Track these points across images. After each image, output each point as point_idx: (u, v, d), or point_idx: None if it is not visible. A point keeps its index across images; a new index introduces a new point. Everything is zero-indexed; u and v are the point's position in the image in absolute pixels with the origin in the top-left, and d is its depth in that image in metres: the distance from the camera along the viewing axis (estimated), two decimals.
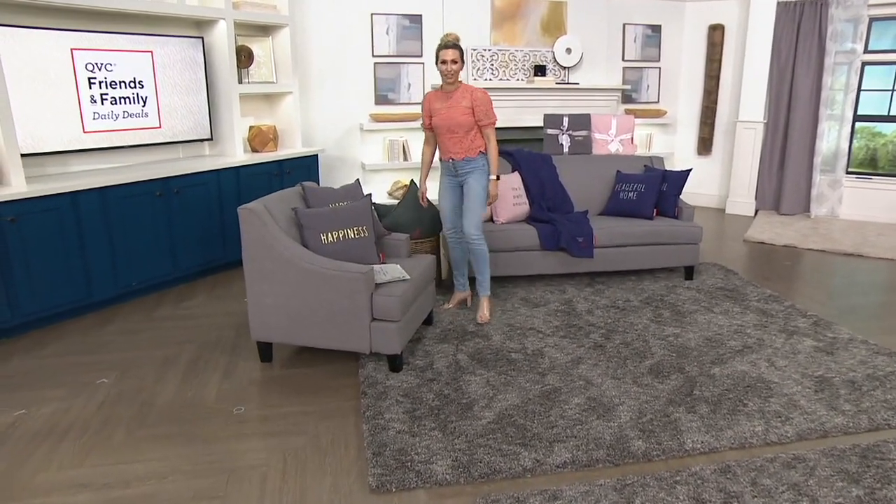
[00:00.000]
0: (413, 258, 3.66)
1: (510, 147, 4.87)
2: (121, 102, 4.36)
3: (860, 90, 6.41)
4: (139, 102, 4.47)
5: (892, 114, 6.43)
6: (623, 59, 7.03)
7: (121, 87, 4.34)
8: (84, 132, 4.17)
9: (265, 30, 5.35)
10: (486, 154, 3.70)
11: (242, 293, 4.38)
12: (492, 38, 6.41)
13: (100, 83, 4.21)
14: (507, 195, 4.43)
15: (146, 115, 4.53)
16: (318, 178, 5.63)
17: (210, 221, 4.67)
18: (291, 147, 5.56)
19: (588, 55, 6.77)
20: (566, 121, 5.08)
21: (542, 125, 5.12)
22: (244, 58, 5.11)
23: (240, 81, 5.08)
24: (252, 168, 4.95)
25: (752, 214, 6.88)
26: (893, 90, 6.37)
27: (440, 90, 3.69)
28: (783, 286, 4.56)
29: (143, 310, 4.14)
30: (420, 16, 6.13)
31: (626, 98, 7.13)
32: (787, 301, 4.17)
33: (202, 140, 4.98)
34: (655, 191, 4.61)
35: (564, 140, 5.08)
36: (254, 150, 5.30)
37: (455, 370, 3.22)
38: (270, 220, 3.13)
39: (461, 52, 3.56)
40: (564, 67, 6.71)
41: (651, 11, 6.99)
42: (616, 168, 4.91)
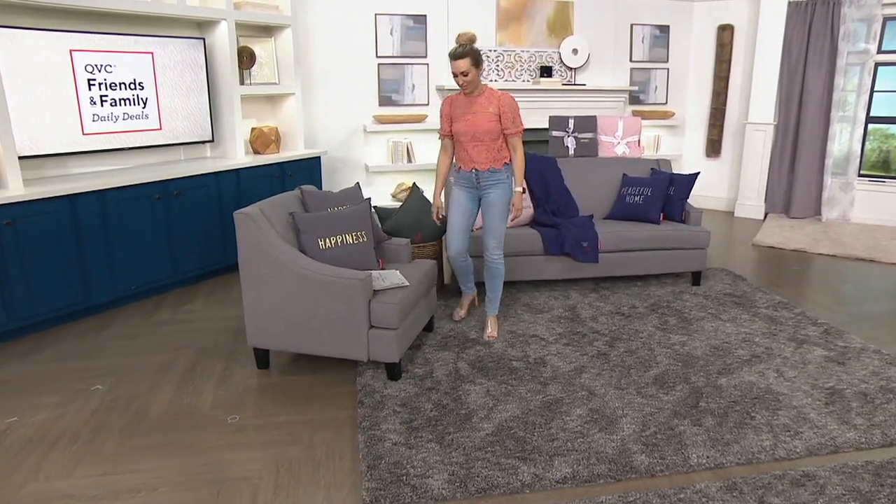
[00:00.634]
0: (413, 263, 3.59)
1: None
2: (121, 104, 4.32)
3: (873, 91, 6.28)
4: (139, 104, 4.43)
5: None
6: (630, 60, 6.93)
7: (121, 89, 4.30)
8: (83, 134, 4.13)
9: (267, 30, 5.30)
10: (510, 164, 3.43)
11: (241, 297, 4.32)
12: (497, 39, 6.33)
13: (99, 85, 4.17)
14: None
15: (146, 117, 4.49)
16: (321, 181, 5.57)
17: (210, 224, 4.63)
18: (294, 149, 5.51)
19: (595, 56, 6.68)
20: (572, 123, 5.00)
21: (548, 127, 5.05)
22: (246, 59, 5.06)
23: (241, 83, 5.03)
24: (253, 170, 4.91)
25: (762, 218, 6.77)
26: None
27: (462, 94, 3.38)
28: (793, 292, 4.46)
29: (142, 314, 4.10)
30: (424, 16, 6.06)
31: (634, 99, 7.03)
32: (797, 308, 4.07)
33: (203, 142, 4.93)
34: (662, 194, 4.52)
35: (570, 142, 5.00)
36: (255, 152, 5.25)
37: (455, 379, 3.15)
38: (267, 225, 3.07)
39: (474, 59, 3.19)
40: (571, 68, 6.62)
41: (659, 11, 6.89)
42: (622, 171, 4.83)
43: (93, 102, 4.15)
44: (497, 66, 6.36)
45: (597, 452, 2.52)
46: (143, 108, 4.46)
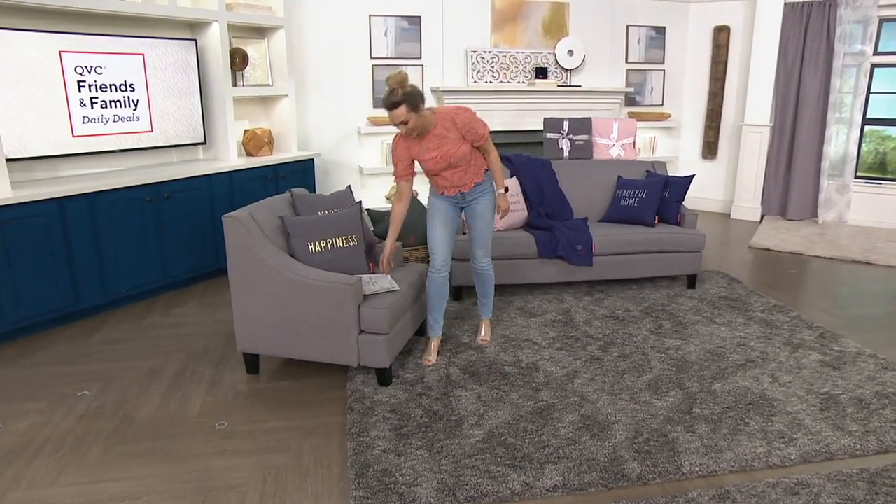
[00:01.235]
0: (405, 267, 3.56)
1: (508, 152, 4.75)
2: (111, 106, 4.28)
3: (869, 93, 6.26)
4: (130, 106, 4.39)
5: None
6: (626, 62, 6.90)
7: (111, 91, 4.26)
8: (73, 136, 4.09)
9: (260, 31, 5.27)
10: (489, 171, 3.28)
11: None
12: (492, 40, 6.30)
13: (89, 86, 4.13)
14: None
15: (137, 119, 4.45)
16: (315, 183, 5.54)
17: (202, 227, 4.59)
18: (287, 151, 5.47)
19: (590, 57, 6.65)
20: (567, 125, 4.97)
21: (543, 129, 5.01)
22: (238, 60, 5.03)
23: (234, 84, 5.00)
24: (246, 172, 4.87)
25: (758, 220, 6.74)
26: None
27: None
28: (788, 295, 4.43)
29: (132, 318, 4.06)
30: (419, 17, 6.02)
31: (630, 101, 7.01)
32: (793, 311, 4.05)
33: (196, 144, 4.90)
34: (657, 197, 4.49)
35: (565, 144, 4.97)
36: (248, 155, 5.21)
37: (446, 384, 3.11)
38: (256, 229, 3.04)
39: (410, 105, 2.85)
40: (566, 70, 6.59)
41: (655, 12, 6.87)
42: (617, 173, 4.80)
43: (83, 104, 4.12)
44: (492, 68, 6.32)
45: (588, 460, 2.49)
46: (134, 110, 4.42)
